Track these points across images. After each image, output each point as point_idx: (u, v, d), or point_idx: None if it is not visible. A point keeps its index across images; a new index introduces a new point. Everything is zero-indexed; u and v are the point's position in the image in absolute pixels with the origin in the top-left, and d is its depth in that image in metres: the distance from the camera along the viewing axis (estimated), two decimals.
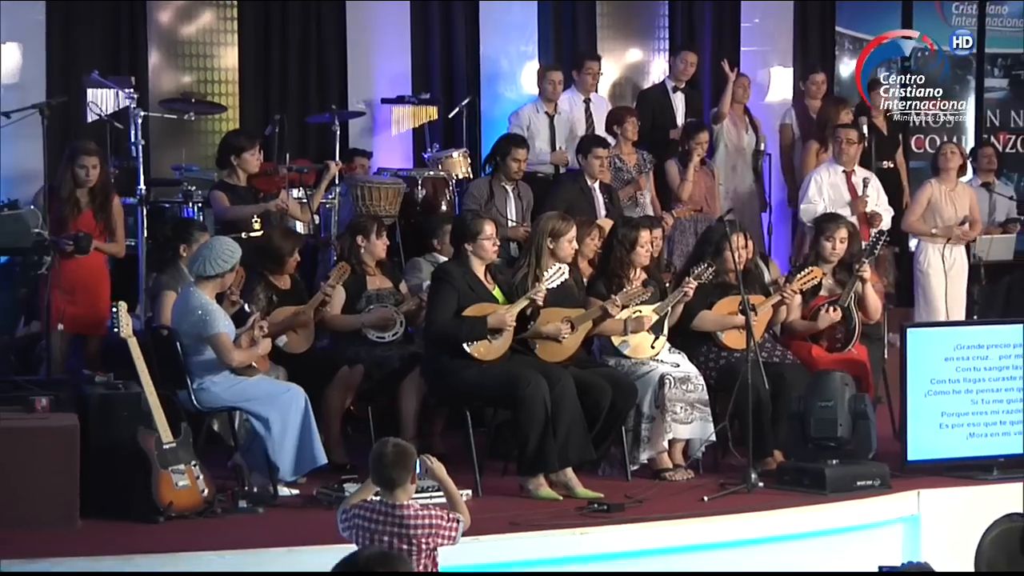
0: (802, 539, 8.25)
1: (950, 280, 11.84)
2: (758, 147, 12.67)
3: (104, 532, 7.63)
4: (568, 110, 12.23)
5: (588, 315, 8.84)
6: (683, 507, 8.23)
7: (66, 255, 9.20)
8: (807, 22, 14.20)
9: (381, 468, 6.40)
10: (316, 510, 7.85)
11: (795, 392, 9.00)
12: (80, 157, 9.49)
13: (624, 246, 9.20)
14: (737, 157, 12.57)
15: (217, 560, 7.26)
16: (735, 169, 12.55)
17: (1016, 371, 9.17)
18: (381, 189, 10.94)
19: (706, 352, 9.33)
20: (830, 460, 8.61)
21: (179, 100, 11.81)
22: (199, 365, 8.27)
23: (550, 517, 7.97)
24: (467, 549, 6.84)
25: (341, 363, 9.16)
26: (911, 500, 8.61)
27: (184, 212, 10.57)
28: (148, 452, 7.84)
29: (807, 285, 9.53)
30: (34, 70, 11.65)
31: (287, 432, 8.19)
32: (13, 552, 7.11)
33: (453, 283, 8.66)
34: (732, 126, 12.61)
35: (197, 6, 12.57)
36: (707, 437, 9.04)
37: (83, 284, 9.65)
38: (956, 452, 9.01)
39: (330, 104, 11.96)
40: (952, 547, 8.40)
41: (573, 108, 12.29)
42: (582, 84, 12.36)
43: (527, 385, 8.39)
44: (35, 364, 9.52)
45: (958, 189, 11.94)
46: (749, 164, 12.65)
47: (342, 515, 6.49)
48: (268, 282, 9.26)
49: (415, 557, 6.37)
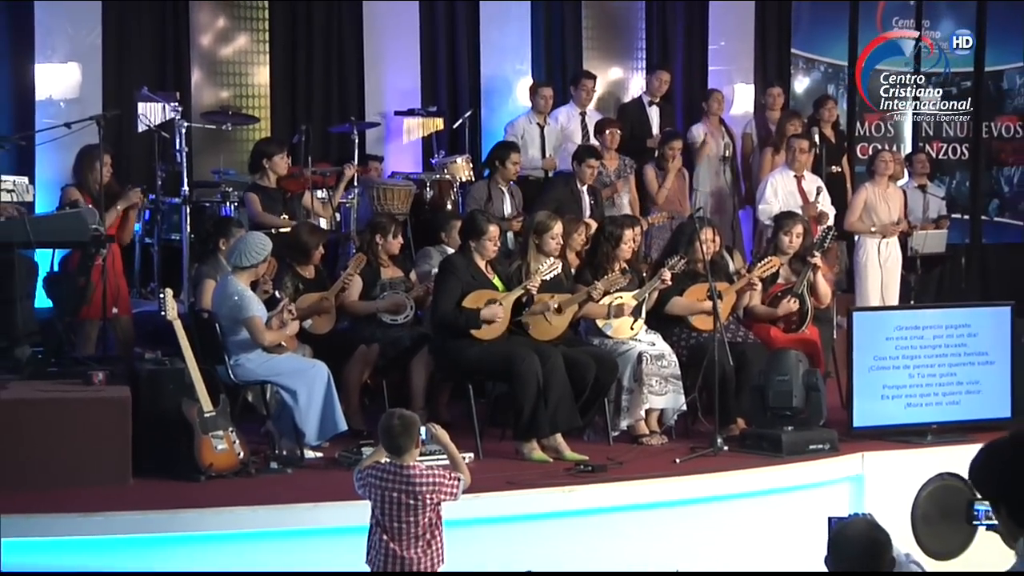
0: (762, 495, 8.27)
1: (886, 271, 11.81)
2: (733, 153, 12.66)
3: (153, 489, 7.63)
4: (566, 122, 12.20)
5: (574, 299, 8.84)
6: (658, 468, 8.23)
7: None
8: (766, 44, 14.16)
9: (389, 437, 6.42)
10: (338, 471, 7.84)
11: (756, 368, 9.00)
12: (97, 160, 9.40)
13: (610, 242, 9.19)
14: (717, 163, 12.55)
15: (251, 514, 7.29)
16: (717, 174, 12.51)
17: (947, 349, 9.17)
18: (394, 190, 10.93)
19: (678, 333, 9.32)
20: (786, 427, 8.61)
21: (218, 113, 11.79)
22: (235, 344, 8.26)
23: (542, 477, 7.97)
24: (469, 504, 6.84)
25: (359, 342, 9.16)
26: (856, 461, 8.62)
27: (222, 211, 10.55)
28: (191, 420, 7.85)
29: (766, 273, 9.54)
30: (91, 86, 11.62)
31: (312, 402, 8.19)
32: (74, 507, 7.16)
33: (457, 274, 8.68)
34: (710, 136, 12.58)
35: (233, 30, 12.54)
36: (679, 407, 9.03)
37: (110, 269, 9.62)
38: (895, 419, 9.01)
39: (349, 116, 11.92)
40: (892, 502, 8.40)
41: (571, 120, 12.25)
42: (578, 99, 12.32)
43: (522, 361, 8.39)
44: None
45: (890, 191, 11.92)
46: (727, 168, 12.62)
47: (357, 476, 6.49)
48: (295, 272, 9.24)
49: (421, 511, 6.38)
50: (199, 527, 7.22)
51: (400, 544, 6.37)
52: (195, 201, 10.74)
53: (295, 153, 10.97)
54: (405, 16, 12.82)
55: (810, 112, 13.01)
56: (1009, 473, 4.11)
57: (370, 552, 6.44)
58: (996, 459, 4.22)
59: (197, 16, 12.34)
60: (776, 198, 11.36)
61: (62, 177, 10.98)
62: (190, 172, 10.82)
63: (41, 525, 7.06)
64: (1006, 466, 4.15)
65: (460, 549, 6.61)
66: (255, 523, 7.28)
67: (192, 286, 9.63)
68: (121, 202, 9.63)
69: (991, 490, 4.18)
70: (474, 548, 6.91)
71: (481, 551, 6.97)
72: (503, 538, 7.39)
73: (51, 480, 7.50)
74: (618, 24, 13.89)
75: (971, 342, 9.22)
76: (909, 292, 12.03)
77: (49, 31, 11.59)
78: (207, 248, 9.56)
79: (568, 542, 7.54)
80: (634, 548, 7.60)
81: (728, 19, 14.05)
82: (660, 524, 7.88)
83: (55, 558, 7.09)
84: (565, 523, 7.70)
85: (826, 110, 12.82)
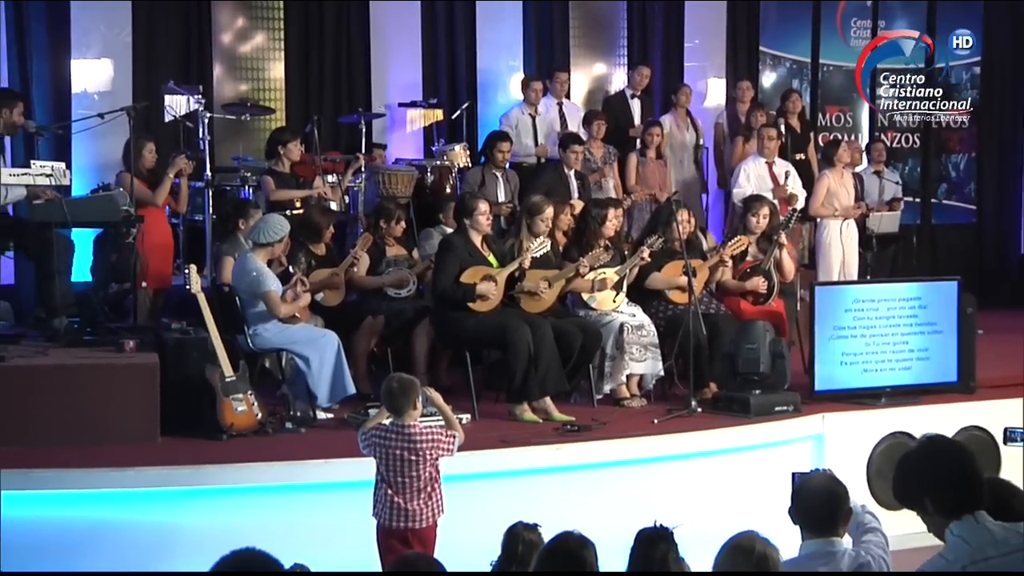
0: (732, 453, 8.28)
1: (846, 249, 11.78)
2: (698, 143, 12.65)
3: (179, 447, 7.64)
4: (544, 112, 12.19)
5: (562, 275, 8.83)
6: (638, 428, 8.24)
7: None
8: (736, 43, 14.11)
9: (390, 398, 6.46)
10: (347, 430, 7.81)
11: (726, 337, 9.00)
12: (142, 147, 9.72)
13: (595, 222, 9.19)
14: (682, 152, 12.53)
15: (267, 470, 7.31)
16: (681, 162, 12.51)
17: (900, 320, 9.17)
18: (398, 175, 10.90)
19: (656, 305, 9.31)
20: (754, 390, 8.62)
21: (237, 104, 11.75)
22: (253, 315, 8.25)
23: (533, 436, 7.98)
24: (467, 460, 6.86)
25: (366, 314, 9.15)
26: (817, 422, 8.63)
27: (241, 193, 10.54)
28: (213, 384, 7.86)
29: (736, 251, 9.54)
30: (122, 80, 11.59)
31: (324, 368, 8.18)
32: (108, 462, 7.18)
33: (455, 252, 8.67)
34: (676, 128, 12.57)
35: (251, 29, 12.50)
36: (657, 372, 9.05)
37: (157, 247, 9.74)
38: (853, 384, 9.01)
39: (357, 107, 11.91)
40: (849, 458, 8.40)
41: (549, 110, 12.24)
42: (553, 90, 12.30)
43: (514, 331, 8.39)
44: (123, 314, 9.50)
45: (846, 177, 11.93)
46: (691, 157, 12.62)
47: (361, 437, 6.52)
48: (308, 250, 9.22)
49: (421, 466, 6.40)
50: (221, 481, 7.24)
51: (403, 497, 6.39)
52: (217, 185, 10.73)
53: (307, 141, 10.93)
54: (408, 15, 12.79)
55: (777, 104, 12.97)
56: (927, 473, 4.17)
57: (376, 505, 6.46)
58: (911, 466, 4.26)
59: (219, 16, 12.31)
60: (749, 182, 11.35)
61: (96, 163, 11.07)
62: (212, 158, 10.81)
63: (78, 479, 7.08)
64: (923, 468, 4.20)
65: (459, 502, 6.64)
66: (271, 478, 7.29)
67: (214, 262, 9.64)
68: (170, 169, 9.84)
69: (915, 492, 4.24)
70: (471, 501, 6.92)
71: (478, 504, 6.98)
72: (498, 491, 7.40)
73: (87, 438, 7.51)
74: (602, 23, 13.85)
75: (921, 313, 9.21)
76: (866, 268, 12.02)
77: (84, 30, 11.56)
78: (228, 228, 9.57)
79: (556, 495, 7.56)
80: (616, 500, 7.61)
81: (702, 19, 14.01)
82: (640, 478, 7.90)
83: (91, 510, 7.10)
84: (554, 478, 7.71)
85: (791, 103, 12.78)
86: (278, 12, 12.48)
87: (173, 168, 9.87)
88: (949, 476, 4.19)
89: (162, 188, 9.84)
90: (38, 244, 8.69)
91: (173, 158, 9.94)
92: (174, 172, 9.88)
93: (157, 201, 9.85)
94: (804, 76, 14.19)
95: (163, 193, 9.87)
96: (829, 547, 4.95)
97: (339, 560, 5.98)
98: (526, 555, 5.37)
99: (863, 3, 14.26)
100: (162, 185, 9.83)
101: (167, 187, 9.88)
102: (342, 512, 6.98)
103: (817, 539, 4.98)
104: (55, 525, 7.08)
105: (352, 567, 6.17)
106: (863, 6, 14.24)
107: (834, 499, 5.04)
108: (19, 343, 8.45)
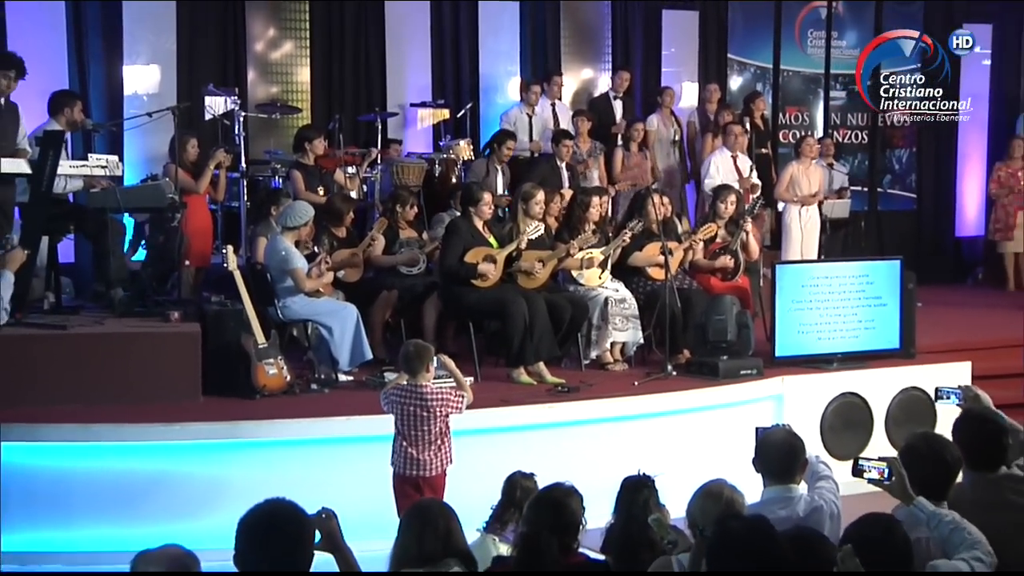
0: (703, 410, 8.28)
1: (805, 232, 11.77)
2: (675, 137, 12.63)
3: (218, 405, 7.64)
4: (540, 111, 12.17)
5: (554, 255, 8.82)
6: (620, 389, 8.23)
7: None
8: (707, 51, 14.06)
9: (406, 361, 6.47)
10: (365, 391, 7.84)
11: (698, 309, 9.00)
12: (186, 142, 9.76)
13: (582, 207, 9.16)
14: (668, 147, 12.53)
15: (296, 425, 7.31)
16: (668, 155, 12.50)
17: (850, 294, 9.16)
18: (410, 167, 10.87)
19: (637, 281, 9.29)
20: (722, 356, 8.59)
21: (268, 105, 11.72)
22: (283, 290, 8.23)
23: (528, 396, 7.99)
24: (471, 417, 6.85)
25: (382, 289, 9.12)
26: (777, 383, 8.63)
27: (272, 183, 10.51)
28: (248, 350, 7.86)
29: (707, 235, 9.51)
30: (168, 83, 11.54)
31: (344, 336, 8.17)
32: (156, 417, 7.19)
33: (460, 234, 8.66)
34: (663, 125, 12.56)
35: (281, 38, 12.44)
36: (637, 340, 9.03)
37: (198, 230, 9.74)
38: (809, 350, 9.00)
39: (374, 107, 11.87)
40: (805, 415, 8.42)
41: (544, 110, 12.22)
42: (549, 92, 12.28)
43: (512, 304, 8.39)
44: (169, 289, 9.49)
45: (811, 168, 11.89)
46: (676, 150, 12.60)
47: (383, 396, 6.54)
48: (331, 232, 9.19)
49: (432, 421, 6.40)
50: (255, 435, 7.25)
51: (417, 449, 6.40)
52: (250, 176, 10.71)
53: (330, 137, 10.91)
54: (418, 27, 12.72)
55: (742, 105, 12.95)
56: (929, 466, 4.18)
57: (393, 455, 6.47)
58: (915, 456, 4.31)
59: (252, 26, 12.24)
60: (718, 173, 11.32)
61: (145, 156, 11.04)
62: (246, 152, 10.77)
63: (130, 432, 7.09)
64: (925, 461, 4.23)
65: (465, 453, 6.65)
66: (299, 432, 7.29)
67: (248, 243, 9.61)
68: (211, 161, 9.85)
69: (918, 476, 4.37)
70: (475, 453, 6.91)
71: (481, 455, 6.97)
72: (498, 445, 7.38)
73: (137, 397, 7.51)
74: (589, 33, 13.79)
75: (868, 289, 9.20)
76: (821, 249, 12.02)
77: (134, 39, 11.49)
78: (260, 213, 9.53)
79: (550, 448, 7.54)
80: (603, 453, 7.61)
81: (677, 30, 13.96)
82: (623, 433, 7.89)
83: (141, 461, 7.11)
84: (547, 432, 7.71)
85: (755, 103, 12.73)
86: (304, 23, 12.43)
87: (213, 160, 9.86)
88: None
89: (204, 178, 9.83)
90: (95, 227, 8.71)
91: (213, 152, 9.93)
92: (214, 164, 9.88)
93: (199, 190, 9.85)
94: (766, 80, 14.14)
95: (204, 183, 9.87)
96: (787, 492, 4.97)
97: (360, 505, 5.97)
98: (523, 500, 5.40)
99: (818, 16, 14.21)
100: (204, 176, 9.83)
101: (208, 177, 9.88)
102: (362, 462, 6.98)
103: (777, 486, 5.00)
104: (112, 475, 7.11)
105: (371, 511, 6.16)
106: (819, 19, 14.19)
107: (792, 451, 5.05)
108: (79, 314, 8.46)
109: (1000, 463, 5.05)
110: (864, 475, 4.63)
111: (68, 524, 7.00)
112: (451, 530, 4.40)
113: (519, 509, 5.43)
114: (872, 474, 4.60)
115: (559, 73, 12.70)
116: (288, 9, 12.44)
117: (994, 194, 13.45)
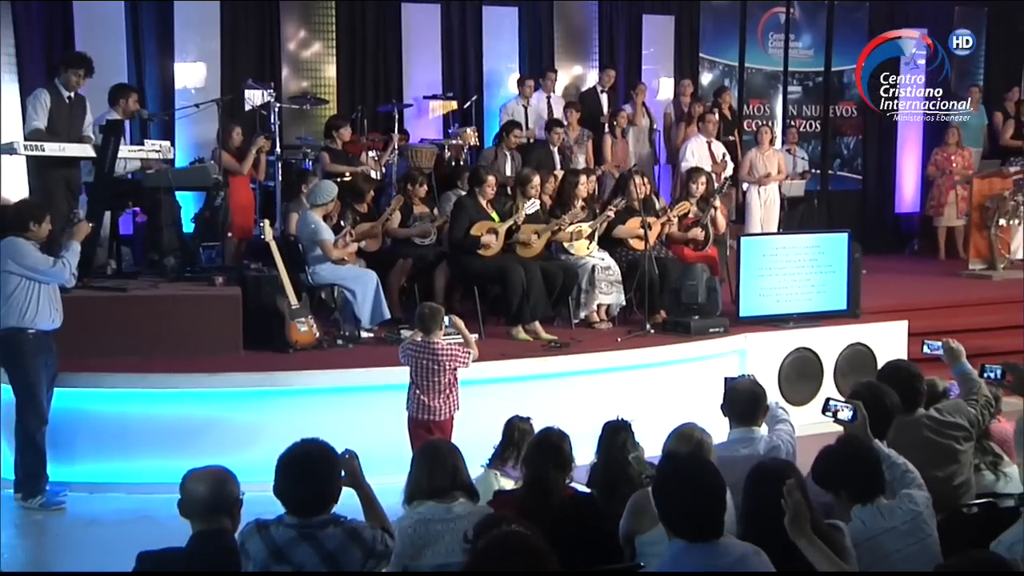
0: (677, 363, 8.27)
1: (765, 208, 11.76)
2: (651, 127, 12.58)
3: (257, 358, 7.64)
4: (535, 103, 12.11)
5: (548, 228, 8.79)
6: (606, 345, 8.23)
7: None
8: (681, 50, 13.95)
9: (421, 321, 6.47)
10: (384, 346, 7.83)
11: (673, 276, 8.99)
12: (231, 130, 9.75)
13: (571, 186, 9.12)
14: (640, 134, 12.46)
15: (324, 375, 7.31)
16: (639, 141, 12.44)
17: (805, 262, 9.12)
18: (423, 151, 10.83)
19: (620, 251, 9.24)
20: (694, 316, 8.60)
21: (300, 97, 11.64)
22: (312, 258, 8.22)
23: (525, 351, 7.99)
24: (475, 370, 6.84)
25: (398, 258, 9.09)
26: (742, 340, 8.61)
27: (304, 165, 10.45)
28: (282, 310, 7.85)
29: (681, 212, 9.46)
30: (212, 79, 11.47)
31: (366, 298, 8.15)
32: (204, 368, 7.20)
33: (466, 210, 8.65)
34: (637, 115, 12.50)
35: (311, 38, 12.34)
36: (620, 303, 9.01)
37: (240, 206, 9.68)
38: (769, 311, 8.98)
39: (392, 99, 11.81)
40: (766, 367, 8.39)
41: (539, 102, 12.15)
42: (545, 86, 12.22)
43: (511, 271, 8.37)
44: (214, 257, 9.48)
45: (769, 153, 11.86)
46: (647, 138, 12.54)
47: (400, 350, 6.54)
48: (354, 208, 9.15)
49: (442, 373, 6.40)
50: (289, 384, 7.24)
51: (428, 396, 6.41)
52: (285, 159, 10.63)
53: (355, 125, 10.86)
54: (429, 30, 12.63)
55: (712, 98, 12.88)
56: (845, 467, 4.13)
57: (408, 402, 6.48)
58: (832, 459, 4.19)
59: (286, 28, 12.14)
60: (694, 157, 11.27)
61: (193, 142, 10.99)
62: (281, 138, 10.68)
63: (180, 381, 7.10)
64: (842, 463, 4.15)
65: (470, 401, 6.66)
66: (327, 381, 7.28)
67: (282, 218, 9.58)
68: (253, 146, 9.81)
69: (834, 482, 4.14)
70: (479, 400, 6.89)
71: (484, 402, 6.95)
72: (499, 393, 7.36)
73: (187, 351, 7.50)
74: (578, 35, 13.68)
75: (820, 258, 9.17)
76: (779, 224, 11.98)
77: (184, 39, 11.40)
78: (293, 191, 9.50)
79: (544, 396, 7.53)
80: (589, 400, 7.61)
81: (655, 32, 13.84)
82: (608, 383, 7.89)
83: (189, 406, 7.12)
84: (542, 383, 7.70)
85: (723, 97, 12.70)
86: (331, 26, 12.34)
87: (255, 146, 9.83)
88: (862, 472, 4.16)
89: (247, 161, 9.79)
90: (150, 203, 8.73)
91: (255, 138, 9.90)
92: (256, 149, 9.83)
93: (243, 171, 9.81)
94: (733, 76, 14.03)
95: (248, 164, 9.82)
96: (750, 434, 4.97)
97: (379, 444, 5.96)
98: (520, 441, 5.43)
99: (778, 20, 14.11)
100: (247, 159, 9.79)
101: (251, 160, 9.83)
102: (381, 408, 6.96)
103: (741, 428, 5.00)
104: (165, 418, 7.11)
105: (389, 450, 6.16)
106: (779, 23, 14.09)
107: (755, 398, 5.05)
108: (136, 279, 8.46)
109: (916, 406, 5.10)
110: (837, 415, 4.51)
111: (127, 458, 7.03)
112: (457, 466, 4.40)
113: (517, 448, 5.46)
114: (844, 413, 4.51)
115: (553, 69, 12.64)
116: (317, 13, 12.34)
117: (931, 175, 13.39)
